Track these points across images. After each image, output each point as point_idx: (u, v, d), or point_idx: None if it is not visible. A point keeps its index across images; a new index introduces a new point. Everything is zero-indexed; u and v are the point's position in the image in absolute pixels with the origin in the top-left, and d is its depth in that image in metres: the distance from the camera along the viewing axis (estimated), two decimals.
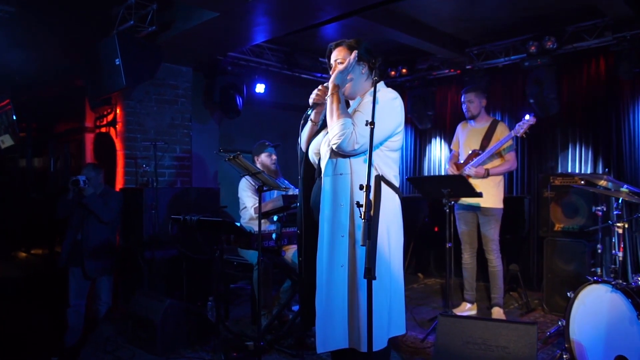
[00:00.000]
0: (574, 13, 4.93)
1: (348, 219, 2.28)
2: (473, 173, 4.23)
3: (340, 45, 2.51)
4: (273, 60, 5.83)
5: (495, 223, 4.34)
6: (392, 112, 2.34)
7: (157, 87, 5.27)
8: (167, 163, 5.30)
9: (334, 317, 2.27)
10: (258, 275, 4.05)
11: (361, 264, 2.24)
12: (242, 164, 2.33)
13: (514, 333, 3.03)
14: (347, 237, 2.28)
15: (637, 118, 5.05)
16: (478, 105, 4.41)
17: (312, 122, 2.60)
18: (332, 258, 2.29)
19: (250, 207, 4.31)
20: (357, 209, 2.23)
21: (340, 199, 2.29)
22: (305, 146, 2.64)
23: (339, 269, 2.28)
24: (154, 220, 4.52)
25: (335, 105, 2.29)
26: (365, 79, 2.51)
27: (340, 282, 2.28)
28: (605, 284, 2.85)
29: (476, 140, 4.39)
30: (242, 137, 6.67)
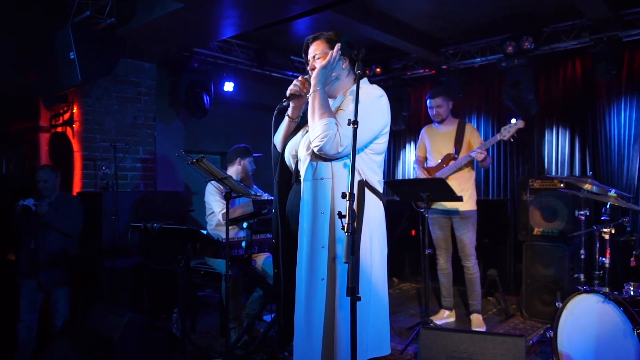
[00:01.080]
0: (552, 13, 4.85)
1: (328, 229, 2.06)
2: (481, 157, 4.00)
3: (318, 39, 2.29)
4: (242, 57, 5.56)
5: (472, 226, 4.20)
6: (378, 111, 2.13)
7: (118, 84, 4.93)
8: (129, 165, 4.96)
9: (313, 334, 2.05)
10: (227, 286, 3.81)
11: (342, 277, 2.02)
12: (207, 167, 2.07)
13: (502, 346, 2.86)
14: (328, 248, 2.06)
15: (613, 121, 5.01)
16: (447, 109, 4.27)
17: (289, 118, 2.36)
18: (311, 270, 2.06)
19: (218, 212, 4.03)
20: (338, 219, 2.02)
21: (321, 206, 2.07)
22: (281, 146, 2.40)
23: (318, 282, 2.05)
24: (114, 227, 4.20)
25: (318, 103, 2.06)
26: (346, 75, 2.30)
27: (321, 296, 2.06)
28: (596, 294, 2.71)
29: (446, 144, 4.24)
30: (209, 138, 6.37)
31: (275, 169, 2.41)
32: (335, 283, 2.04)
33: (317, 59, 2.26)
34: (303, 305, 2.08)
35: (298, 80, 2.27)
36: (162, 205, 4.60)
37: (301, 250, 2.09)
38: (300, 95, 2.26)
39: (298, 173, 2.27)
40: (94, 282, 4.31)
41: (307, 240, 2.08)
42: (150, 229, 3.18)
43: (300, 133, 2.33)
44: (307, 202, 2.10)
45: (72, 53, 3.90)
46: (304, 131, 2.32)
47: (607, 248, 3.14)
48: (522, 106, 5.13)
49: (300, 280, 2.09)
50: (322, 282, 2.05)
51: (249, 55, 5.62)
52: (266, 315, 4.15)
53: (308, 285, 2.07)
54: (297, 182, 2.27)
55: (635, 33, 4.59)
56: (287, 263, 2.31)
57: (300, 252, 2.09)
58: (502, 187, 5.83)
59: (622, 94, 4.95)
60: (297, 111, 2.35)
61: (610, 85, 4.98)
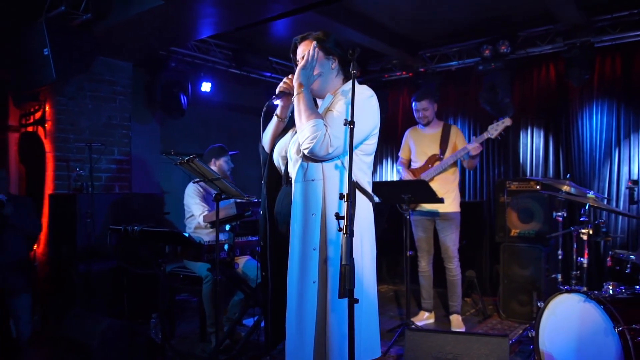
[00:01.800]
0: (527, 18, 4.95)
1: (319, 231, 2.04)
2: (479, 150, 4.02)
3: (306, 39, 2.27)
4: (220, 57, 5.48)
5: (455, 228, 4.24)
6: (369, 111, 2.12)
7: (93, 83, 4.79)
8: (103, 166, 4.82)
9: (305, 338, 2.02)
10: (208, 289, 3.75)
11: (334, 280, 2.00)
12: (199, 168, 2.01)
13: (486, 347, 2.89)
14: (319, 251, 2.04)
15: (585, 124, 5.15)
16: (432, 111, 4.31)
17: (278, 118, 2.32)
18: (303, 273, 2.04)
19: (198, 215, 3.97)
20: (329, 220, 2.01)
21: (312, 208, 2.04)
22: (269, 147, 2.36)
23: (310, 285, 2.03)
24: (89, 230, 4.07)
25: (303, 106, 2.04)
26: (335, 75, 2.28)
27: (312, 299, 2.03)
28: (577, 293, 2.77)
29: (432, 146, 4.27)
30: (185, 139, 6.26)
31: (263, 170, 2.38)
32: (327, 286, 2.02)
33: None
34: (294, 308, 2.05)
35: (288, 78, 2.24)
36: (139, 208, 4.49)
37: (292, 252, 2.06)
38: (289, 94, 2.24)
39: (288, 174, 2.24)
40: (67, 287, 4.17)
41: (298, 243, 2.05)
42: (131, 232, 3.08)
43: (290, 133, 2.30)
44: (298, 204, 2.07)
45: (46, 49, 3.77)
46: (293, 132, 2.29)
47: (585, 248, 3.22)
48: (499, 109, 5.22)
49: (291, 283, 2.06)
50: (313, 284, 2.03)
51: (227, 55, 5.55)
52: (247, 319, 4.09)
53: (299, 288, 2.04)
54: (287, 183, 2.24)
55: (607, 39, 4.73)
56: (275, 265, 2.28)
57: (291, 255, 2.06)
58: (477, 189, 5.91)
59: (593, 98, 5.09)
60: (285, 110, 2.32)
61: (582, 89, 5.11)
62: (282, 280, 2.24)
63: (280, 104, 2.30)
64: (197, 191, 4.07)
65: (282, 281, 2.23)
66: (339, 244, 2.00)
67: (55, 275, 4.31)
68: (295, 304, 2.04)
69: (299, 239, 2.05)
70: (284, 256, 2.23)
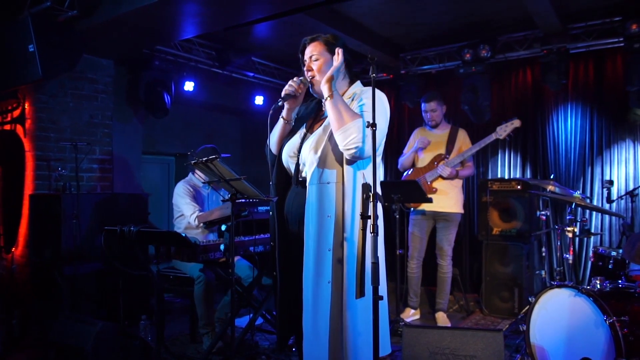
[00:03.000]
0: (507, 23, 5.11)
1: (334, 232, 2.08)
2: (446, 173, 4.17)
3: (316, 40, 2.32)
4: (203, 56, 5.44)
5: (454, 228, 4.37)
6: (383, 113, 2.18)
7: (74, 81, 4.67)
8: (85, 166, 4.71)
9: (321, 338, 2.05)
10: (201, 290, 3.72)
11: (350, 280, 2.05)
12: (218, 169, 2.00)
13: (482, 341, 2.98)
14: (333, 251, 2.07)
15: (560, 127, 5.36)
16: (441, 113, 4.43)
17: (284, 120, 2.35)
18: (318, 274, 2.07)
19: (189, 215, 3.93)
20: (345, 221, 2.05)
21: (327, 210, 2.08)
22: (276, 148, 2.39)
23: (325, 285, 2.06)
24: (74, 231, 3.97)
25: (342, 106, 2.06)
26: (342, 78, 2.33)
27: (327, 299, 2.07)
28: (568, 288, 2.90)
29: (439, 146, 4.38)
30: (166, 139, 6.19)
31: (271, 171, 2.40)
32: (342, 285, 2.06)
33: (314, 60, 2.28)
34: (310, 308, 2.08)
35: (293, 81, 2.27)
36: (124, 208, 4.41)
37: (307, 253, 2.09)
38: (295, 96, 2.27)
39: (298, 174, 2.27)
40: (50, 290, 4.05)
41: (313, 244, 2.09)
42: (127, 233, 3.04)
43: (298, 135, 2.33)
44: (312, 206, 2.10)
45: (31, 46, 3.66)
46: (301, 133, 2.33)
47: (570, 245, 3.36)
48: (478, 112, 5.37)
49: (307, 284, 2.09)
50: (328, 284, 2.07)
51: (210, 55, 5.51)
52: (238, 320, 4.09)
53: (314, 289, 2.08)
54: (297, 184, 2.27)
55: (581, 46, 4.94)
56: (284, 264, 2.31)
57: (306, 256, 2.09)
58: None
59: (568, 101, 5.31)
60: (291, 113, 2.35)
61: (557, 93, 5.32)
62: (291, 278, 2.27)
63: (286, 107, 2.32)
64: (187, 190, 4.04)
65: (292, 279, 2.27)
66: (352, 244, 2.05)
67: (37, 278, 4.18)
68: (311, 304, 2.07)
69: (314, 240, 2.08)
70: (294, 255, 2.26)
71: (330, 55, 2.26)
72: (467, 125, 5.29)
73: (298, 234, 2.24)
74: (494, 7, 4.77)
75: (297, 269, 2.24)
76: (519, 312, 4.55)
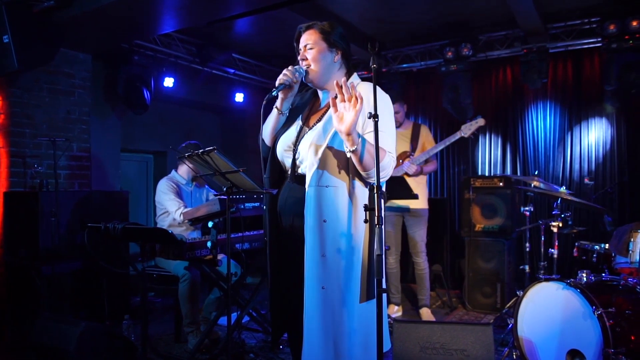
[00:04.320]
0: (489, 23, 5.18)
1: (330, 237, 2.03)
2: (412, 171, 4.20)
3: (311, 28, 2.23)
4: (183, 52, 5.34)
5: (424, 224, 4.38)
6: (392, 117, 2.17)
7: (50, 75, 4.51)
8: (62, 163, 4.55)
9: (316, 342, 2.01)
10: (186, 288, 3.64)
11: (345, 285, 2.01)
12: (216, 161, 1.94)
13: (471, 335, 3.00)
14: (331, 255, 2.02)
15: (539, 125, 5.46)
16: (403, 113, 4.45)
17: (278, 111, 2.27)
18: (313, 279, 2.02)
19: (173, 211, 3.85)
20: (342, 226, 2.01)
21: (324, 214, 2.02)
22: (270, 140, 2.32)
23: (319, 290, 2.01)
24: (53, 230, 3.84)
25: (369, 149, 1.92)
26: (338, 68, 2.26)
27: (321, 305, 2.01)
28: (556, 281, 2.94)
29: (403, 144, 4.39)
30: (145, 136, 6.05)
31: (264, 164, 2.34)
32: (336, 291, 2.01)
33: (308, 49, 2.21)
34: (307, 312, 2.03)
35: (288, 70, 2.19)
36: (103, 206, 4.29)
37: (306, 257, 2.04)
38: (290, 86, 2.20)
39: (295, 170, 2.21)
40: (27, 291, 3.91)
41: (309, 249, 2.03)
42: (112, 230, 2.95)
43: (295, 127, 2.27)
44: (310, 209, 2.03)
45: (6, 36, 3.52)
46: (298, 126, 2.27)
47: (555, 240, 3.42)
48: (460, 110, 5.43)
49: (306, 289, 2.03)
50: (322, 290, 2.01)
51: (190, 50, 5.41)
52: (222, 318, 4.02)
53: (310, 293, 2.02)
54: (294, 180, 2.21)
55: (560, 45, 5.04)
56: (276, 262, 2.26)
57: (306, 260, 2.04)
58: (439, 186, 6.12)
59: (547, 100, 5.41)
60: (286, 104, 2.27)
61: (537, 92, 5.42)
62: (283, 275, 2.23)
63: (280, 97, 2.23)
64: (171, 187, 3.95)
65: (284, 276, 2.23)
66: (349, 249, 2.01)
67: (12, 279, 4.03)
68: (308, 308, 2.02)
69: (310, 245, 2.02)
70: (287, 251, 2.22)
71: (325, 44, 2.19)
72: (449, 123, 5.35)
73: (292, 230, 2.19)
74: (475, 6, 4.82)
75: (290, 266, 2.19)
76: (501, 307, 4.61)
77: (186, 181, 4.11)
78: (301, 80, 2.22)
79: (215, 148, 1.85)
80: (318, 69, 2.19)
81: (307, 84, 2.28)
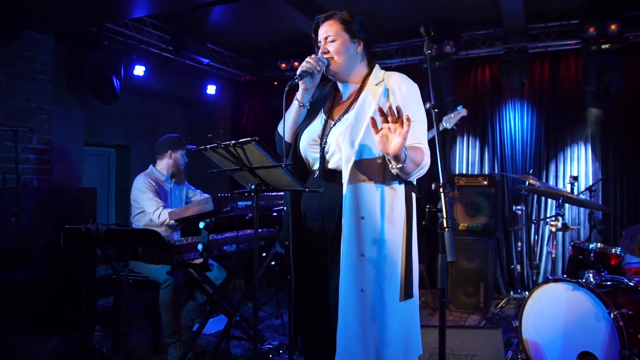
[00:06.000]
0: (471, 21, 5.15)
1: (369, 235, 1.87)
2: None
3: (331, 19, 2.07)
4: (156, 39, 4.98)
5: None
6: (422, 103, 2.03)
7: (7, 58, 4.05)
8: (20, 156, 4.10)
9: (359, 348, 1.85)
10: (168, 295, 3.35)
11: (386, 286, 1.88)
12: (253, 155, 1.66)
13: (481, 339, 2.93)
14: (370, 255, 1.87)
15: (517, 124, 5.50)
16: None
17: (299, 103, 2.09)
18: (350, 281, 1.86)
19: (152, 211, 3.54)
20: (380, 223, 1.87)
21: (361, 211, 1.88)
22: (291, 134, 2.12)
23: (358, 293, 1.86)
24: (13, 231, 3.43)
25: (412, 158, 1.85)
26: (360, 60, 2.10)
27: (363, 307, 1.86)
28: (565, 282, 2.89)
29: None
30: (107, 128, 5.62)
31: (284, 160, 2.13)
32: (376, 292, 1.87)
33: (330, 41, 2.04)
34: (348, 319, 1.87)
35: (311, 58, 2.02)
36: (70, 204, 3.89)
37: (343, 258, 1.88)
38: (313, 74, 2.02)
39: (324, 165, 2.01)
40: None
41: (346, 248, 1.87)
42: (94, 232, 2.63)
43: (319, 120, 2.09)
44: (347, 206, 1.88)
45: None
46: (322, 119, 2.09)
47: (554, 239, 3.39)
48: (441, 107, 5.37)
49: (342, 292, 1.87)
50: (360, 293, 1.86)
51: (163, 38, 5.06)
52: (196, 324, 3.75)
53: (346, 297, 1.87)
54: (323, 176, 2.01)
55: (540, 46, 5.08)
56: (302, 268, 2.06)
57: (342, 261, 1.87)
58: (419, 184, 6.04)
59: (524, 100, 5.45)
60: (307, 95, 2.10)
61: (515, 92, 5.45)
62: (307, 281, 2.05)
63: (301, 87, 2.06)
64: (149, 184, 3.64)
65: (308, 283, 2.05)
66: (389, 248, 1.88)
67: None
68: (346, 314, 1.86)
69: (347, 244, 1.87)
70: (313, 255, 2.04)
71: (348, 35, 2.04)
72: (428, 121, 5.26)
73: (320, 233, 2.01)
74: (457, 4, 4.76)
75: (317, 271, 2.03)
76: (484, 307, 4.59)
77: (165, 178, 3.81)
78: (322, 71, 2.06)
79: (256, 139, 1.61)
80: (342, 61, 2.04)
81: (327, 76, 2.11)
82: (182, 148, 3.85)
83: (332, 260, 2.00)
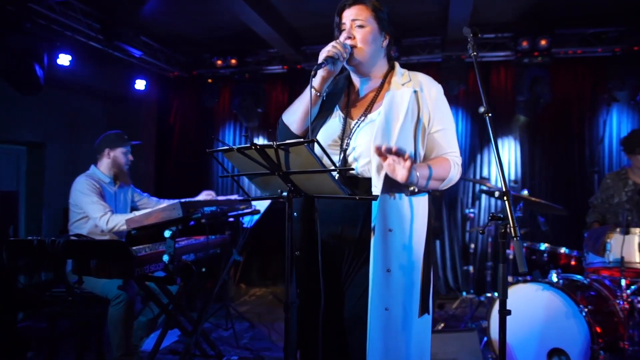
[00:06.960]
0: (413, 27, 5.25)
1: (397, 248, 1.77)
2: None
3: (362, 3, 1.89)
4: (84, 26, 4.47)
5: None
6: (448, 107, 1.97)
7: None
8: None
9: None
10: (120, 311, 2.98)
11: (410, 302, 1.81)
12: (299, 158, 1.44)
13: (458, 342, 2.96)
14: (395, 270, 1.77)
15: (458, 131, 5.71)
16: None
17: (316, 92, 1.88)
18: (376, 299, 1.74)
19: (98, 217, 3.14)
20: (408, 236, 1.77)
21: (389, 223, 1.76)
22: (300, 126, 1.92)
23: (382, 312, 1.75)
24: None
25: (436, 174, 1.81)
26: (383, 56, 1.98)
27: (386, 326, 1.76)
28: (534, 282, 3.01)
29: None
30: (17, 123, 4.96)
31: None
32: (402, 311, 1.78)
33: (357, 25, 1.88)
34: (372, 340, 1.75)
35: (337, 42, 1.83)
36: None
37: (372, 273, 1.75)
38: (336, 61, 1.85)
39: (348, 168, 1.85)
40: None
41: (375, 262, 1.75)
42: (50, 245, 2.26)
43: (336, 119, 1.92)
44: (377, 218, 1.75)
45: None
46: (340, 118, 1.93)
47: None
48: None
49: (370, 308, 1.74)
50: (385, 312, 1.75)
51: (91, 26, 4.55)
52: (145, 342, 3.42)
53: (375, 316, 1.75)
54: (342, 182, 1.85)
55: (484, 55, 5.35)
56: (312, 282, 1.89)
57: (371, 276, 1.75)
58: None
59: (459, 107, 5.69)
60: (324, 83, 1.89)
61: (450, 99, 5.65)
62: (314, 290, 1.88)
63: (321, 75, 1.85)
64: (93, 187, 3.23)
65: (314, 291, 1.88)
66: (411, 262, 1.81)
67: None
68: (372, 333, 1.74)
69: (376, 259, 1.75)
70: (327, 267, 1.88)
71: (377, 25, 1.90)
72: None
73: (337, 243, 1.86)
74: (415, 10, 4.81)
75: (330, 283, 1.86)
76: None
77: (109, 179, 3.41)
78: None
79: (314, 140, 1.42)
80: (367, 52, 1.89)
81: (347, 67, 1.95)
82: (122, 145, 3.47)
83: (348, 272, 1.87)
